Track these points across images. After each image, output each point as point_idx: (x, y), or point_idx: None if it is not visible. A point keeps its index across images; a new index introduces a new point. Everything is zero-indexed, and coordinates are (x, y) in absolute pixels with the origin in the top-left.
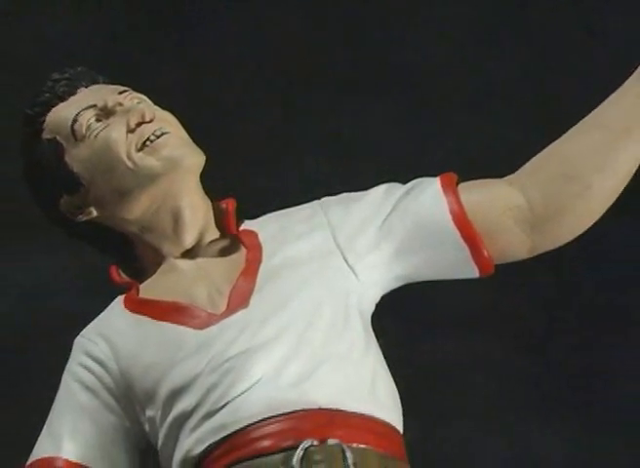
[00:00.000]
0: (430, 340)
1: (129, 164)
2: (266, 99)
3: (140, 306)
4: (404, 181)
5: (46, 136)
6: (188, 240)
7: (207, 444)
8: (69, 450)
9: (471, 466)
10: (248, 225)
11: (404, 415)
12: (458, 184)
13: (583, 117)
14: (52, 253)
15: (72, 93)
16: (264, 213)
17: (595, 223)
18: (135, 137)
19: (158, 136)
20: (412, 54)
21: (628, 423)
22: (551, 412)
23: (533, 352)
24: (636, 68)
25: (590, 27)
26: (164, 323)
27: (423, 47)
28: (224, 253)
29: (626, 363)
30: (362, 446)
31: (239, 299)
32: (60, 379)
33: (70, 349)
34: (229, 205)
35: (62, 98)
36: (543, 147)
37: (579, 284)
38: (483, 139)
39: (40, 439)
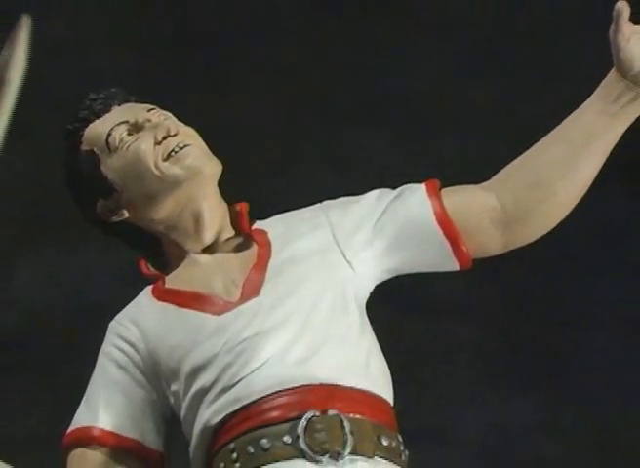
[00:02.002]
0: (417, 325)
1: (156, 172)
2: (279, 122)
3: (165, 295)
4: (394, 188)
5: (84, 148)
6: (208, 238)
7: (223, 415)
8: (104, 420)
9: (453, 432)
10: (259, 225)
11: (394, 389)
12: (441, 190)
13: None
14: (95, 252)
15: (107, 110)
16: (273, 215)
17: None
18: (161, 149)
19: (182, 148)
20: (402, 84)
21: (584, 392)
22: (521, 385)
23: (505, 334)
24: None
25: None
26: (186, 309)
27: (412, 78)
28: (239, 249)
29: (584, 342)
30: (358, 416)
31: (251, 289)
32: None
33: None
34: (243, 207)
35: (98, 115)
36: None
37: (544, 275)
38: (462, 155)
39: (79, 410)
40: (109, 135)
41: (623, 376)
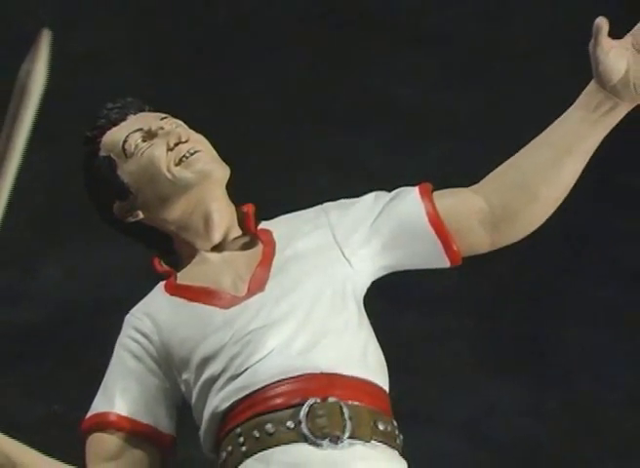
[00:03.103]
0: (411, 317)
1: (168, 176)
2: (282, 129)
3: (177, 290)
4: (389, 191)
5: (102, 153)
6: (216, 237)
7: (231, 401)
8: (120, 407)
9: (443, 416)
10: (264, 225)
11: (389, 377)
12: (433, 192)
13: None
14: (113, 250)
15: (123, 119)
16: (277, 215)
17: None
18: (173, 155)
19: (192, 154)
20: (397, 93)
21: (565, 378)
22: (506, 372)
23: (490, 323)
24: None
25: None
26: (196, 304)
27: (405, 89)
28: (245, 247)
29: (564, 332)
30: (356, 403)
31: (257, 285)
32: None
33: None
34: (249, 209)
35: (115, 123)
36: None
37: (529, 271)
38: (451, 159)
39: (97, 397)
40: (125, 141)
41: (599, 363)
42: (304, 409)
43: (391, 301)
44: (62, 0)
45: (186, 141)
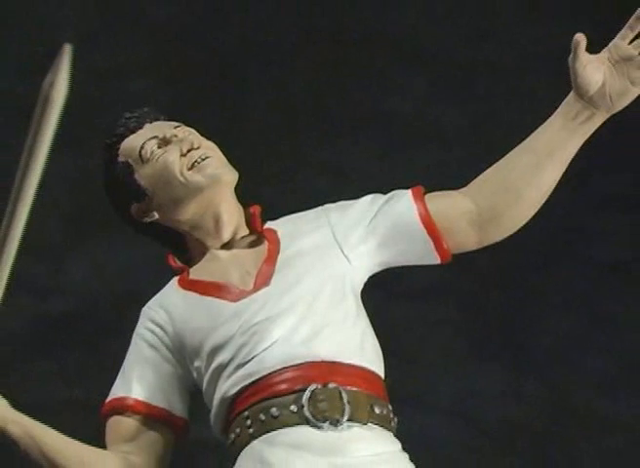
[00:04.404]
0: (403, 309)
1: (182, 179)
2: (286, 138)
3: (189, 285)
4: (384, 194)
5: (120, 159)
6: (226, 236)
7: (239, 387)
8: (137, 392)
9: (431, 399)
10: (269, 225)
11: (385, 364)
12: (425, 194)
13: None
14: (132, 248)
15: (140, 127)
16: (281, 216)
17: None
18: (186, 160)
19: (203, 159)
20: (389, 106)
21: (543, 364)
22: (486, 357)
23: (475, 314)
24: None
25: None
26: (207, 297)
27: (398, 101)
28: (252, 245)
29: (542, 321)
30: (354, 388)
31: (263, 280)
32: None
33: None
34: (256, 210)
35: (133, 131)
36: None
37: (510, 267)
38: (441, 165)
39: (115, 383)
40: (142, 148)
41: (574, 350)
42: (307, 394)
43: (386, 294)
44: (85, 17)
45: (198, 148)
